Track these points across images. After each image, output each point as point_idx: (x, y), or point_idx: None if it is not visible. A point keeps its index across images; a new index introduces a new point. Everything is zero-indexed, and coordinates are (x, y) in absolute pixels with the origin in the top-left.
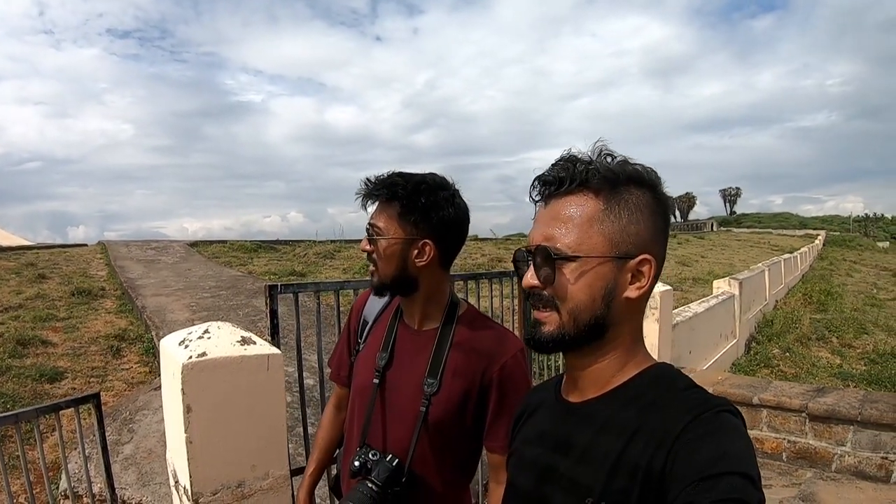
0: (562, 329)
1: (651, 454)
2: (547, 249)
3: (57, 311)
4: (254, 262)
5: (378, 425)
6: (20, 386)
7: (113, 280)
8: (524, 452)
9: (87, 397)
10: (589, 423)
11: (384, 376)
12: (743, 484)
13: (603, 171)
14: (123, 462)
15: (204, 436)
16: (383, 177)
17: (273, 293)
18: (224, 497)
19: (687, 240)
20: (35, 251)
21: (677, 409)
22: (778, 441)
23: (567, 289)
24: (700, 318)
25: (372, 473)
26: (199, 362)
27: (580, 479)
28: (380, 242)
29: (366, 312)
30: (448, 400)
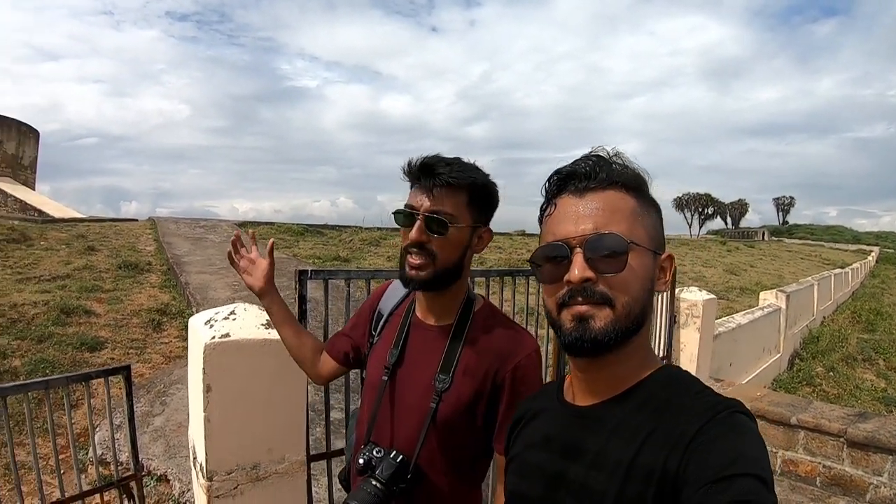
0: (616, 323)
1: (665, 456)
2: (618, 237)
3: (103, 283)
4: (300, 245)
5: (385, 422)
6: (61, 353)
7: (160, 255)
8: (528, 458)
9: (117, 369)
10: (600, 427)
11: (394, 373)
12: (756, 486)
13: (632, 172)
14: (153, 433)
15: (222, 416)
16: (437, 159)
17: (303, 278)
18: (238, 477)
19: (737, 247)
20: (86, 224)
21: (691, 411)
22: (813, 465)
23: (628, 280)
24: (743, 329)
25: (376, 471)
26: (222, 343)
27: (593, 485)
28: (451, 230)
29: (381, 306)
30: (458, 398)
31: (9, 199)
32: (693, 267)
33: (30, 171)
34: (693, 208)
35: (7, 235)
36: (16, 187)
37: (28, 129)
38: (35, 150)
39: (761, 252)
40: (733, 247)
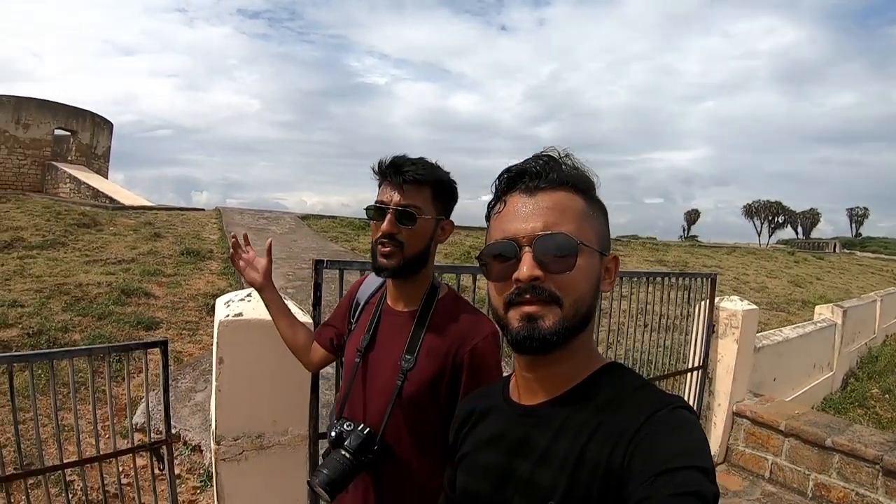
0: (564, 322)
1: (609, 452)
2: (567, 236)
3: (164, 268)
4: (360, 239)
5: (358, 400)
6: (118, 330)
7: (222, 244)
8: (477, 457)
9: (155, 342)
10: (547, 426)
11: (366, 356)
12: (699, 477)
13: (582, 174)
14: (193, 407)
15: (231, 386)
16: (404, 159)
17: (319, 268)
18: (244, 444)
19: (805, 259)
20: (154, 211)
21: (633, 407)
22: (846, 492)
23: (576, 279)
24: (791, 344)
25: (345, 442)
26: (234, 321)
27: (541, 482)
28: (418, 222)
29: (359, 296)
30: (422, 377)
31: (82, 186)
32: (757, 277)
33: (103, 160)
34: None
35: (78, 220)
36: (89, 175)
37: (102, 120)
38: (108, 141)
39: (830, 264)
40: (801, 258)
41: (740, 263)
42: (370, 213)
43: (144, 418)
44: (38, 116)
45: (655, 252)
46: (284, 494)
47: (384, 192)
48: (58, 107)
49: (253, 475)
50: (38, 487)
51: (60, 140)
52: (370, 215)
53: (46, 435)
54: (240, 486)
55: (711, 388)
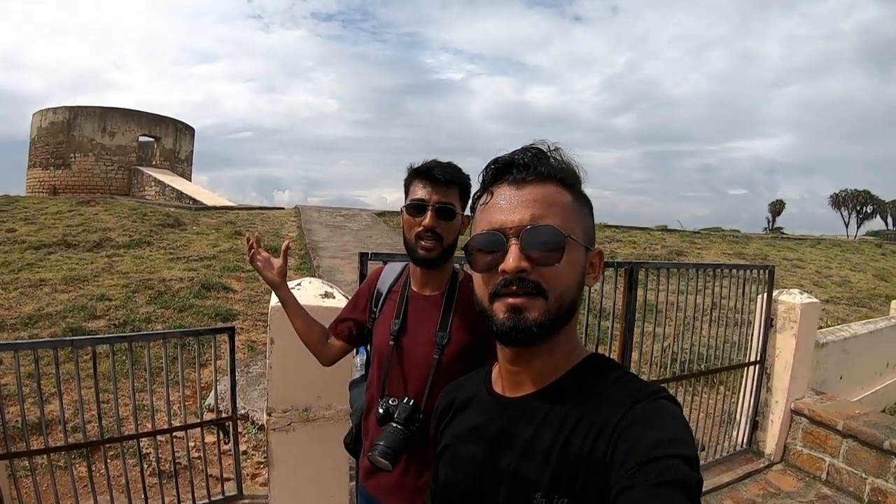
0: (548, 314)
1: (592, 443)
2: (555, 228)
3: (244, 264)
4: None
5: (396, 378)
6: (197, 321)
7: (300, 241)
8: (458, 450)
9: (223, 328)
10: (529, 418)
11: (398, 339)
12: (681, 466)
13: (570, 168)
14: (262, 391)
15: (281, 364)
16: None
17: (364, 259)
18: (292, 416)
19: (893, 251)
20: (236, 211)
21: (614, 398)
22: None
23: (562, 272)
24: (859, 340)
25: (394, 416)
26: None
27: (525, 474)
28: (456, 217)
29: (379, 286)
30: (456, 350)
31: (166, 188)
32: (840, 271)
33: (186, 163)
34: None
35: (163, 221)
36: (173, 178)
37: (184, 126)
38: (190, 145)
39: None
40: (889, 250)
41: (824, 256)
42: (409, 210)
43: (216, 400)
44: (123, 125)
45: (735, 245)
46: (327, 462)
47: (420, 190)
48: (141, 115)
49: (299, 444)
50: (116, 458)
51: (145, 146)
52: (410, 213)
53: (126, 413)
54: (288, 453)
55: (769, 384)
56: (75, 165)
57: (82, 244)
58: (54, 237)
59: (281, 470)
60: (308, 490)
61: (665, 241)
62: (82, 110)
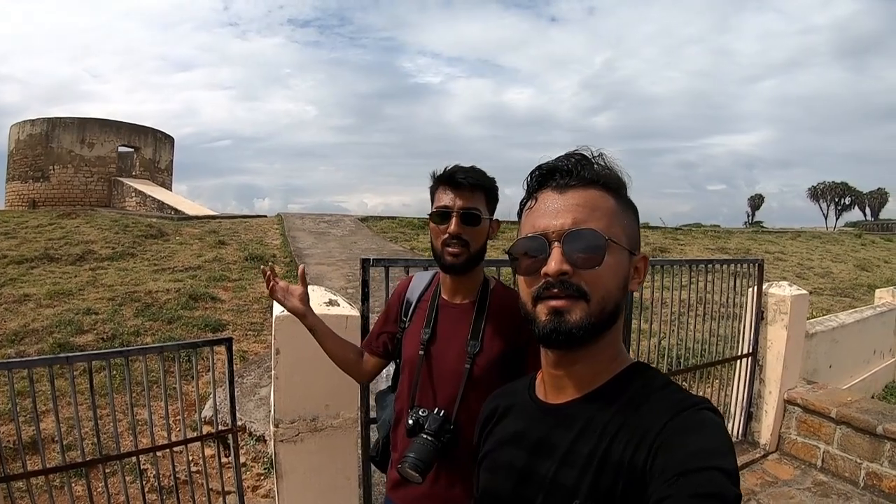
0: (590, 318)
1: (633, 451)
2: (596, 232)
3: (230, 273)
4: (419, 238)
5: (426, 389)
6: (186, 332)
7: (285, 248)
8: (499, 456)
9: (220, 340)
10: (570, 424)
11: (428, 348)
12: (721, 479)
13: (613, 172)
14: (258, 401)
15: (287, 374)
16: (459, 167)
17: (366, 266)
18: (299, 427)
19: (872, 241)
20: (218, 220)
21: (657, 407)
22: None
23: (604, 275)
24: (847, 329)
25: (425, 426)
26: (289, 316)
27: (564, 481)
28: (483, 222)
29: (408, 296)
30: (488, 358)
31: (147, 199)
32: (821, 262)
33: (166, 173)
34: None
35: (146, 232)
36: (154, 188)
37: (163, 135)
38: (170, 154)
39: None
40: (868, 240)
41: (805, 248)
42: (436, 218)
43: (212, 412)
44: (102, 135)
45: (717, 239)
46: (337, 473)
47: (444, 197)
48: (120, 125)
49: (308, 455)
50: (114, 475)
51: (124, 156)
52: (435, 220)
53: (122, 428)
54: (296, 464)
55: (762, 375)
56: (55, 177)
57: (65, 257)
58: (36, 251)
59: (290, 482)
60: (318, 501)
61: (648, 239)
62: (61, 121)
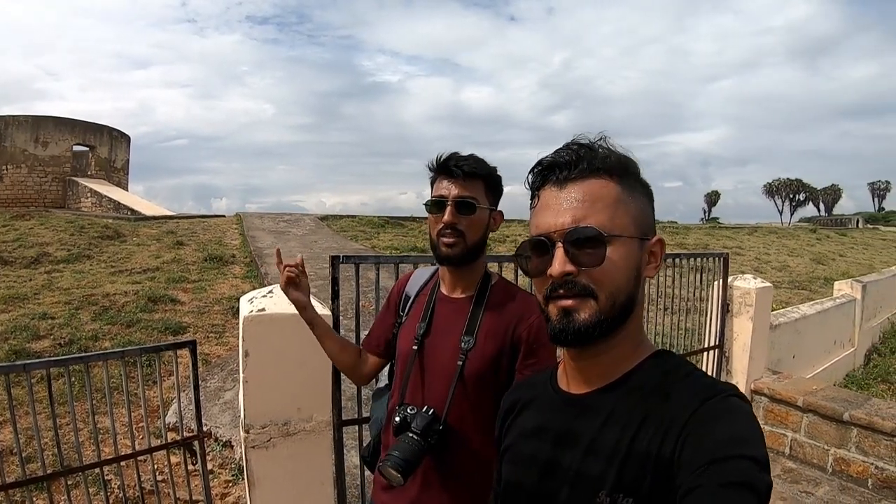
0: (600, 315)
1: (660, 441)
2: (594, 230)
3: (189, 274)
4: (379, 236)
5: (417, 386)
6: (146, 336)
7: (244, 248)
8: (522, 447)
9: (184, 343)
10: (594, 415)
11: (422, 343)
12: (751, 467)
13: (615, 157)
14: (222, 406)
15: (257, 378)
16: (456, 155)
17: (336, 263)
18: (271, 432)
19: (827, 236)
20: (176, 220)
21: (683, 395)
22: (865, 466)
23: (609, 271)
24: (809, 321)
25: (412, 425)
26: (258, 316)
27: (589, 472)
28: (477, 212)
29: (408, 290)
30: (482, 356)
31: (103, 199)
32: (778, 256)
33: (122, 172)
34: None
35: (102, 233)
36: (109, 188)
37: (119, 134)
38: (126, 153)
39: (853, 241)
40: (823, 235)
41: (762, 243)
42: (429, 207)
43: (176, 417)
44: (57, 134)
45: (675, 235)
46: (311, 478)
47: (441, 186)
48: (75, 123)
49: (280, 461)
50: (77, 487)
51: (80, 156)
52: (430, 210)
53: (84, 437)
54: (269, 471)
55: (729, 366)
56: (7, 178)
57: (19, 260)
58: None
59: (263, 489)
60: None
61: None
62: (14, 120)
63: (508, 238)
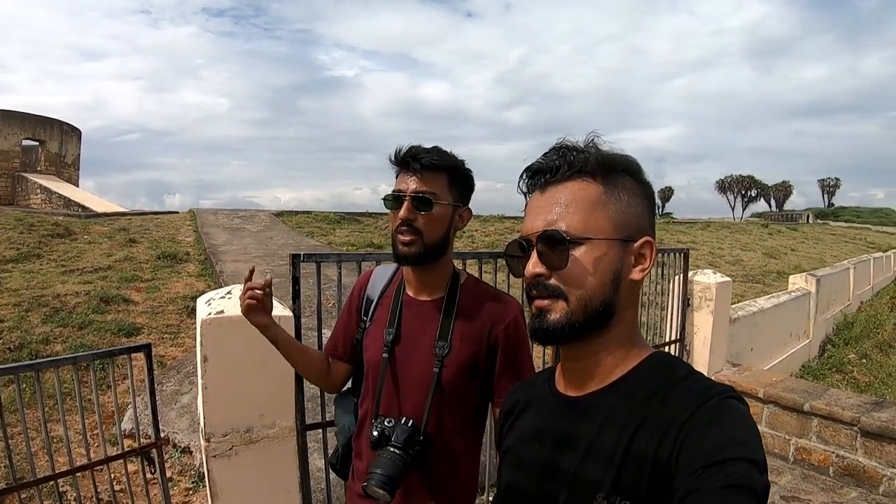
0: (570, 316)
1: (657, 444)
2: (557, 232)
3: (142, 273)
4: (335, 233)
5: (392, 395)
6: (99, 338)
7: (198, 246)
8: (521, 451)
9: (139, 346)
10: (591, 417)
11: (392, 350)
12: (748, 469)
13: (598, 157)
14: (179, 410)
15: (218, 383)
16: (419, 148)
17: (296, 261)
18: (233, 440)
19: (779, 231)
20: (128, 217)
21: (681, 397)
22: (826, 454)
23: (577, 273)
24: (766, 314)
25: (391, 438)
26: (217, 318)
27: (588, 475)
28: (435, 208)
29: (369, 292)
30: (458, 361)
31: (53, 195)
32: (731, 251)
33: (73, 168)
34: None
35: (52, 231)
36: (60, 184)
37: (70, 128)
38: (77, 148)
39: (804, 235)
40: (775, 230)
41: (715, 238)
42: (388, 203)
43: (132, 424)
44: (5, 128)
45: None
46: (276, 486)
47: (401, 180)
48: (25, 116)
49: (244, 469)
50: (31, 501)
51: (29, 150)
52: (388, 205)
53: (36, 447)
54: (232, 480)
55: (690, 360)
56: None
57: None
58: None
59: (225, 500)
60: None
61: None
62: None
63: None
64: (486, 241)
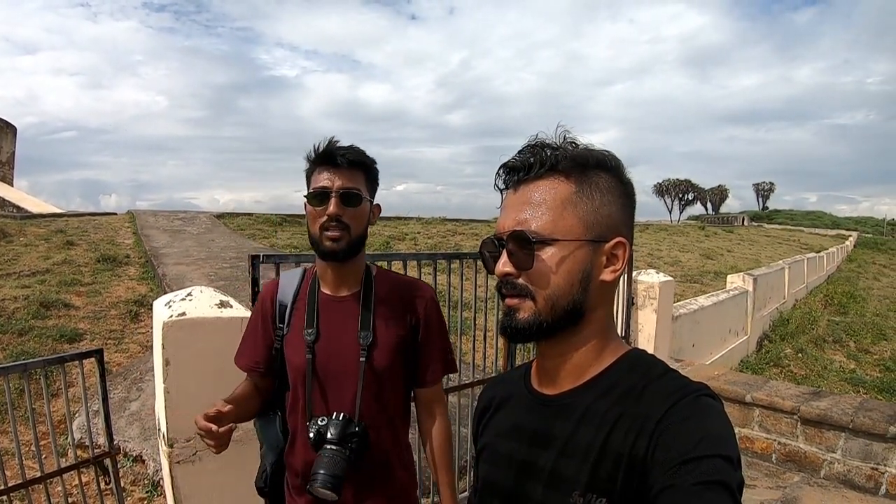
0: (538, 316)
1: (633, 441)
2: (523, 233)
3: (82, 277)
4: (278, 235)
5: (321, 394)
6: (41, 345)
7: (138, 248)
8: (498, 447)
9: (90, 352)
10: (568, 415)
11: (314, 350)
12: (723, 465)
13: (571, 155)
14: (129, 418)
15: (179, 387)
16: (337, 145)
17: (255, 263)
18: (196, 444)
19: (715, 232)
20: (65, 219)
21: (656, 395)
22: (768, 442)
23: (544, 274)
24: (706, 312)
25: (327, 436)
26: (179, 321)
27: (564, 473)
28: (364, 204)
29: (280, 298)
30: (383, 347)
31: None
32: (670, 252)
33: (7, 166)
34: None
35: None
36: None
37: (4, 124)
38: (12, 145)
39: (739, 237)
40: (712, 232)
41: (653, 240)
42: (311, 199)
43: (83, 433)
44: None
45: None
46: (242, 490)
47: (322, 177)
48: None
49: (209, 475)
50: None
51: None
52: (313, 202)
53: None
54: (196, 487)
55: None
56: None
57: None
58: None
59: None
60: None
61: None
62: None
63: (408, 236)
64: (428, 242)
